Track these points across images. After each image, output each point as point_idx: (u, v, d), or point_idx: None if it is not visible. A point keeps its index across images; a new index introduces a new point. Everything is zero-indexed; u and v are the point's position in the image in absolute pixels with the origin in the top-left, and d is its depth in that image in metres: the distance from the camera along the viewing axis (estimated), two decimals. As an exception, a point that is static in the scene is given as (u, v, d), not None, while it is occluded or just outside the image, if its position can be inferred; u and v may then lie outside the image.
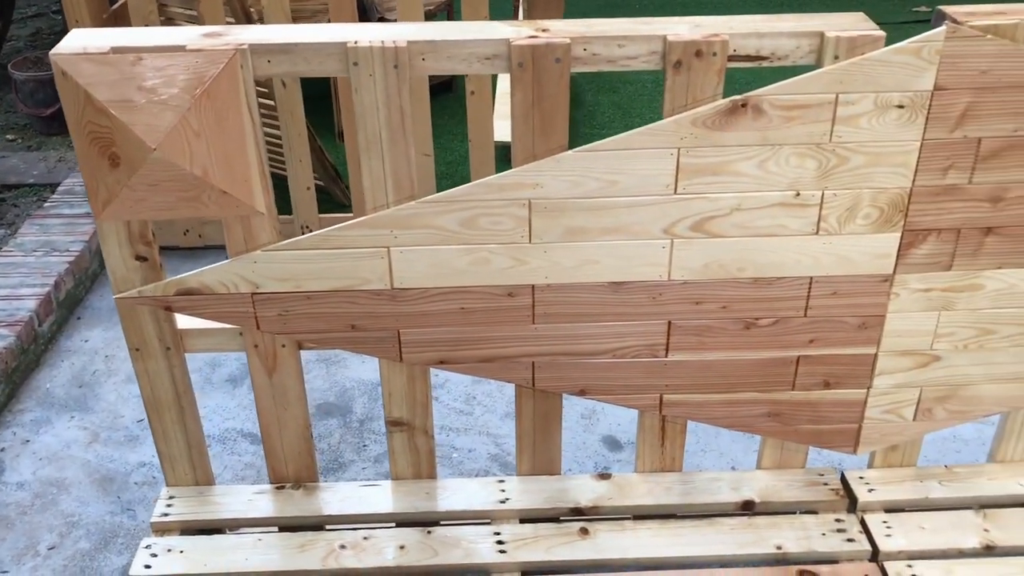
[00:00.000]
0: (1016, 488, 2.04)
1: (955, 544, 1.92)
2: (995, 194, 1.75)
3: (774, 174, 1.71)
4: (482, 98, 3.28)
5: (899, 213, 1.76)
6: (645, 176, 1.71)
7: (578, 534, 1.97)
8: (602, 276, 1.82)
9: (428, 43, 1.61)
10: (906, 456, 2.09)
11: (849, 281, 1.83)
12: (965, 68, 1.62)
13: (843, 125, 1.66)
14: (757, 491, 2.05)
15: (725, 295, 1.84)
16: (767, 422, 2.02)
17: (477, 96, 3.27)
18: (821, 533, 1.95)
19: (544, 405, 2.01)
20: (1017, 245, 1.81)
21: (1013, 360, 1.94)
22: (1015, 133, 1.69)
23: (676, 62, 1.61)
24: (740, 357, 1.92)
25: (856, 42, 1.60)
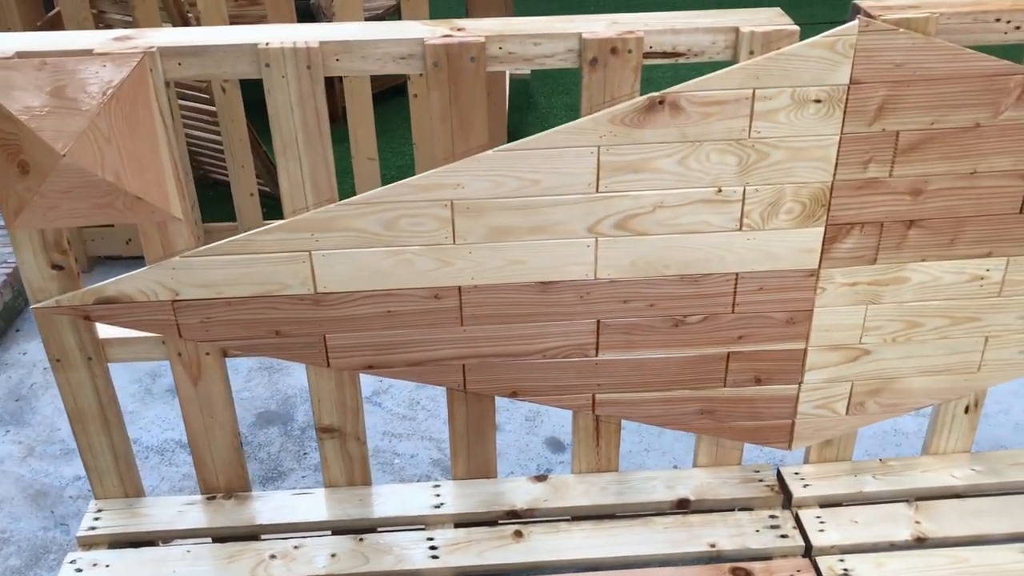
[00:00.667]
0: (949, 480, 2.05)
1: (887, 537, 1.93)
2: (916, 187, 1.76)
3: (695, 171, 1.71)
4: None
5: (821, 207, 1.76)
6: (567, 175, 1.70)
7: (512, 537, 1.95)
8: (529, 276, 1.80)
9: (341, 44, 1.59)
10: (841, 450, 2.10)
11: (775, 276, 1.83)
12: (880, 62, 1.63)
13: (761, 120, 1.66)
14: (692, 489, 2.04)
15: (652, 293, 1.84)
16: (701, 419, 2.02)
17: (421, 99, 3.25)
18: (755, 530, 1.95)
19: (477, 408, 1.99)
20: (939, 238, 1.81)
21: (941, 352, 1.95)
22: (932, 126, 1.69)
23: (592, 59, 1.60)
24: (670, 355, 1.92)
25: (771, 37, 1.60)
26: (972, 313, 1.91)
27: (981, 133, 1.71)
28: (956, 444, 2.11)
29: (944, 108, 1.68)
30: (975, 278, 1.86)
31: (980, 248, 1.83)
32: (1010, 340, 1.95)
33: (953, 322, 1.91)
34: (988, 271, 1.86)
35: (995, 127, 1.70)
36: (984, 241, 1.82)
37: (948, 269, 1.85)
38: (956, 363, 1.97)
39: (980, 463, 2.08)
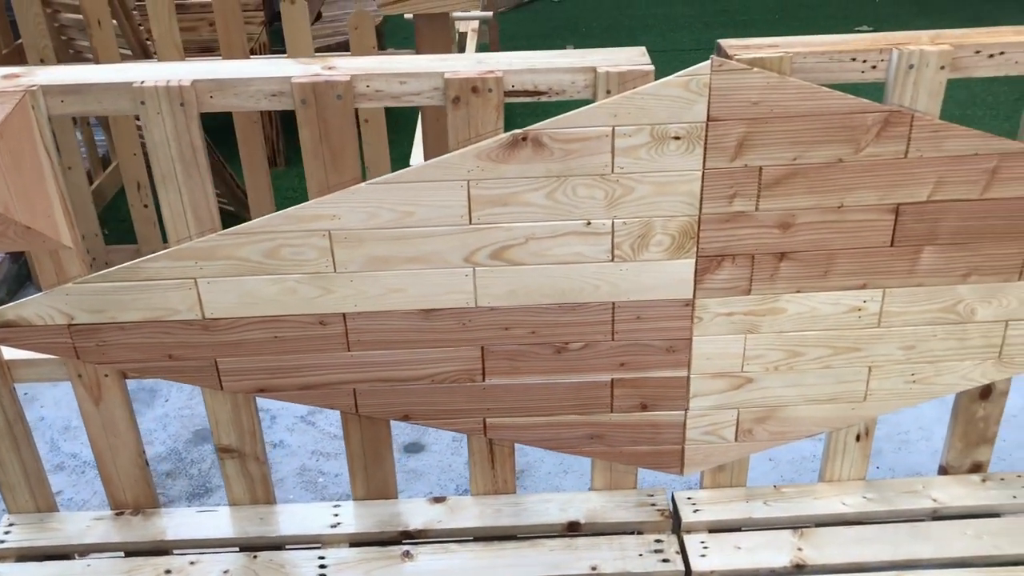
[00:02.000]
0: (839, 507, 2.07)
1: (766, 563, 1.96)
2: (784, 220, 1.80)
3: (563, 204, 1.76)
4: (376, 125, 3.34)
5: (690, 240, 1.81)
6: (439, 207, 1.76)
7: (401, 558, 2.00)
8: (410, 304, 1.86)
9: (214, 82, 1.66)
10: (735, 476, 2.13)
11: (651, 306, 1.88)
12: (736, 100, 1.67)
13: (623, 156, 1.71)
14: (584, 513, 2.08)
15: (532, 320, 1.89)
16: (591, 444, 2.06)
17: (372, 124, 3.33)
18: (639, 554, 1.99)
19: (371, 431, 2.05)
20: (812, 270, 1.85)
21: (825, 382, 1.98)
22: (795, 162, 1.74)
23: (455, 98, 1.66)
24: (555, 380, 1.96)
25: (626, 77, 1.65)
26: (852, 343, 1.94)
27: (844, 168, 1.75)
28: (850, 472, 2.13)
29: (805, 144, 1.72)
30: (852, 309, 1.90)
31: (854, 280, 1.86)
32: (893, 370, 1.97)
33: (835, 352, 1.95)
34: (865, 302, 1.89)
35: (858, 163, 1.74)
36: (858, 273, 1.86)
37: (824, 300, 1.88)
38: (841, 392, 2.00)
39: (873, 491, 2.11)
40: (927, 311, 1.90)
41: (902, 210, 1.79)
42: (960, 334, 1.94)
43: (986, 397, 2.04)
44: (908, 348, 1.95)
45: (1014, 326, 1.93)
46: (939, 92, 1.69)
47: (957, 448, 2.12)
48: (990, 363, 1.98)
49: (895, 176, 1.76)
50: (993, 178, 1.76)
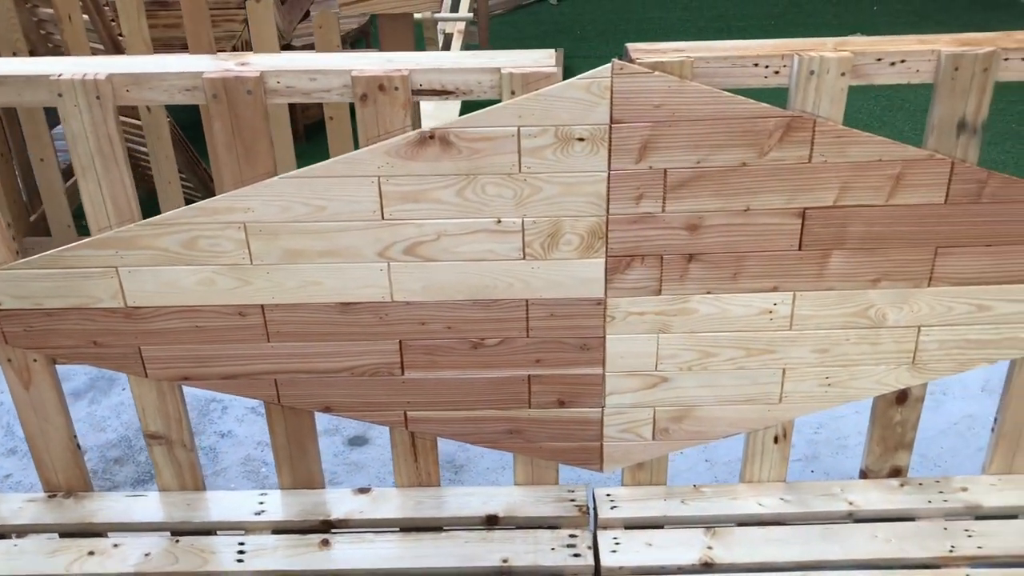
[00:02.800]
0: (755, 508, 2.09)
1: (675, 561, 1.98)
2: (691, 222, 1.82)
3: (473, 202, 1.80)
4: (341, 123, 3.39)
5: (599, 240, 1.84)
6: (351, 202, 1.80)
7: (319, 545, 2.04)
8: (327, 297, 1.90)
9: (129, 76, 1.71)
10: (655, 474, 2.16)
11: (563, 304, 1.91)
12: (638, 103, 1.70)
13: (530, 156, 1.75)
14: (504, 506, 2.12)
15: (448, 316, 1.92)
16: (511, 439, 2.09)
17: (336, 121, 3.38)
18: (551, 548, 2.02)
19: (295, 421, 2.09)
20: (722, 272, 1.88)
21: (740, 383, 2.01)
22: (699, 165, 1.76)
23: (362, 95, 1.70)
24: (473, 375, 2.00)
25: (530, 78, 1.69)
26: (765, 345, 1.96)
27: (749, 172, 1.77)
28: (770, 473, 2.15)
29: (708, 148, 1.75)
30: (763, 311, 1.92)
31: (764, 282, 1.89)
32: (807, 373, 2.00)
33: (748, 353, 1.97)
34: (775, 305, 1.91)
35: (762, 167, 1.77)
36: (767, 276, 1.88)
37: (735, 302, 1.91)
38: (756, 394, 2.02)
39: (791, 493, 2.13)
40: (838, 315, 1.93)
41: (808, 214, 1.82)
42: (873, 339, 1.96)
43: (902, 402, 2.06)
44: (821, 351, 1.97)
45: (926, 332, 1.95)
46: (841, 98, 1.72)
47: (876, 453, 2.14)
48: (904, 368, 2.00)
49: (800, 181, 1.78)
50: (898, 184, 1.79)
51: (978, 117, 1.73)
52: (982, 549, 1.97)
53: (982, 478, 2.15)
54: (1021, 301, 1.91)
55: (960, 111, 1.73)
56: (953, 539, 2.00)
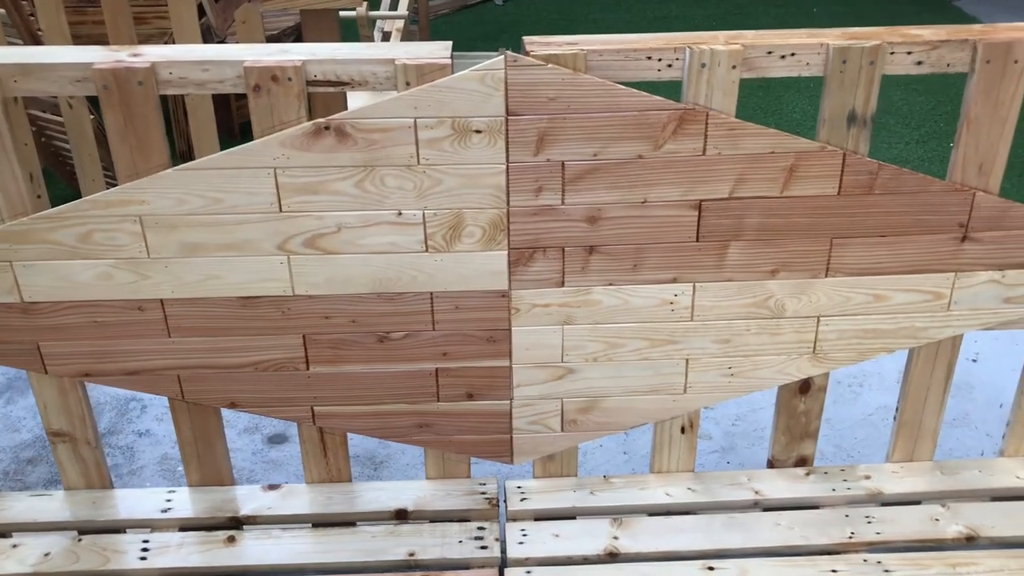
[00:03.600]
0: (663, 498, 2.12)
1: (580, 551, 1.99)
2: (590, 215, 1.84)
3: (373, 194, 1.79)
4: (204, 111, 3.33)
5: (501, 232, 1.84)
6: (248, 194, 1.78)
7: (224, 542, 2.02)
8: (228, 291, 1.88)
9: (18, 66, 1.68)
10: (565, 466, 2.17)
11: (468, 296, 1.91)
12: (533, 95, 1.71)
13: (428, 148, 1.75)
14: (414, 501, 2.11)
15: (351, 310, 1.92)
16: (421, 433, 2.09)
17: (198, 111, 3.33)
18: (459, 540, 2.02)
19: (201, 418, 2.07)
20: (622, 263, 1.89)
21: (645, 373, 2.03)
22: (596, 157, 1.78)
23: (255, 86, 1.69)
24: (380, 369, 1.99)
25: (424, 69, 1.69)
26: (668, 336, 1.98)
27: (645, 164, 1.79)
28: (679, 464, 2.17)
29: (604, 140, 1.76)
30: (665, 302, 1.94)
31: (664, 273, 1.91)
32: (710, 363, 2.02)
33: (651, 344, 1.99)
34: (676, 296, 1.94)
35: (658, 159, 1.79)
36: (667, 267, 1.90)
37: (636, 293, 1.93)
38: (661, 384, 2.04)
39: (699, 482, 2.15)
40: (739, 305, 1.95)
41: (705, 206, 1.84)
42: (773, 329, 1.99)
43: (805, 392, 2.09)
44: (723, 342, 2.00)
45: (826, 322, 1.98)
46: (733, 91, 1.74)
47: (782, 442, 2.17)
48: (805, 358, 2.03)
49: (695, 173, 1.80)
50: (791, 176, 1.82)
51: (867, 109, 1.77)
52: (880, 535, 2.01)
53: (885, 466, 2.19)
54: (916, 291, 1.95)
55: (850, 103, 1.76)
56: (853, 526, 2.03)
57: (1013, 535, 2.01)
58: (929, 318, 1.99)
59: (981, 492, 2.13)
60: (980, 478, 2.14)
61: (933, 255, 1.91)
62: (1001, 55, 1.73)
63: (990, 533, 2.01)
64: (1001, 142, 1.81)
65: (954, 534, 2.01)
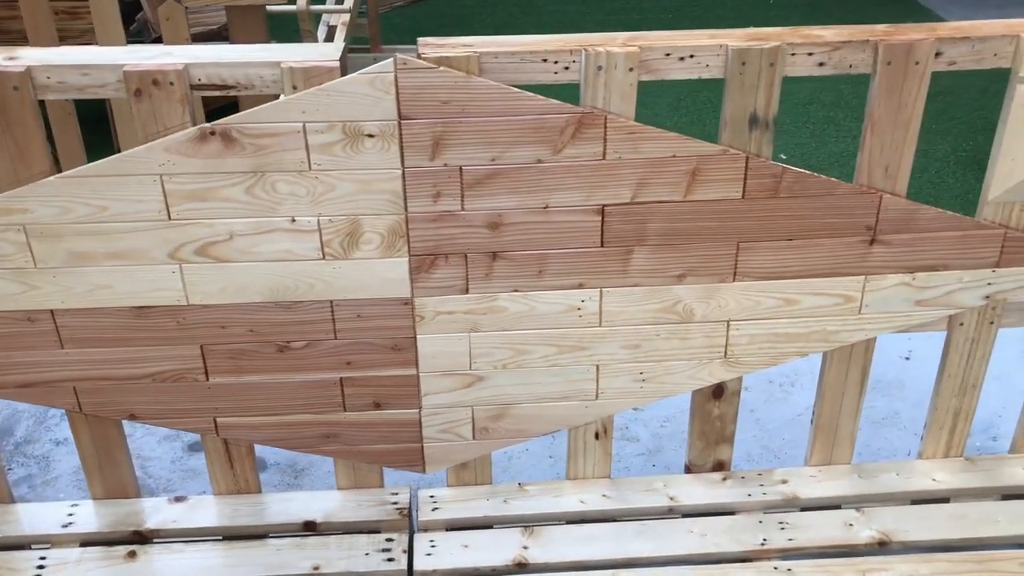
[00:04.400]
0: (577, 505, 2.08)
1: (489, 562, 1.96)
2: (491, 220, 1.80)
3: (264, 200, 1.74)
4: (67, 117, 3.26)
5: (400, 239, 1.80)
6: (135, 202, 1.72)
7: (124, 557, 1.97)
8: (120, 301, 1.83)
9: None
10: (479, 474, 2.13)
11: (370, 304, 1.87)
12: (426, 99, 1.67)
13: (319, 153, 1.70)
14: (324, 512, 2.07)
15: (249, 319, 1.87)
16: (329, 444, 2.05)
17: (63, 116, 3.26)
18: (365, 553, 1.98)
19: (101, 430, 2.01)
20: (526, 269, 1.85)
21: (555, 380, 1.99)
22: (494, 162, 1.74)
23: (136, 91, 1.63)
24: (282, 379, 1.94)
25: (311, 72, 1.64)
26: (577, 342, 1.95)
27: (545, 170, 1.75)
28: (594, 470, 2.14)
29: (502, 145, 1.72)
30: (572, 308, 1.91)
31: (570, 279, 1.87)
32: (621, 369, 1.99)
33: (560, 351, 1.95)
34: (583, 302, 1.90)
35: (558, 164, 1.75)
36: (573, 273, 1.87)
37: (542, 299, 1.89)
38: (573, 390, 2.01)
39: (614, 489, 2.12)
40: (647, 311, 1.92)
41: (607, 211, 1.80)
42: (683, 334, 1.96)
43: (719, 397, 2.07)
44: (633, 347, 1.96)
45: (735, 326, 1.96)
46: (631, 94, 1.70)
47: (698, 447, 2.15)
48: (717, 363, 2.00)
49: (596, 178, 1.77)
50: (694, 180, 1.78)
51: (769, 111, 1.74)
52: (793, 541, 1.99)
53: (803, 470, 2.17)
54: (826, 295, 1.93)
55: (751, 106, 1.73)
56: (766, 532, 2.01)
57: (925, 539, 2.00)
58: (841, 321, 1.96)
59: (898, 495, 2.11)
60: (897, 481, 2.13)
61: (842, 258, 1.89)
62: (902, 57, 1.70)
63: (903, 537, 2.00)
64: (906, 144, 1.79)
65: (866, 539, 1.99)
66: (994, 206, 1.86)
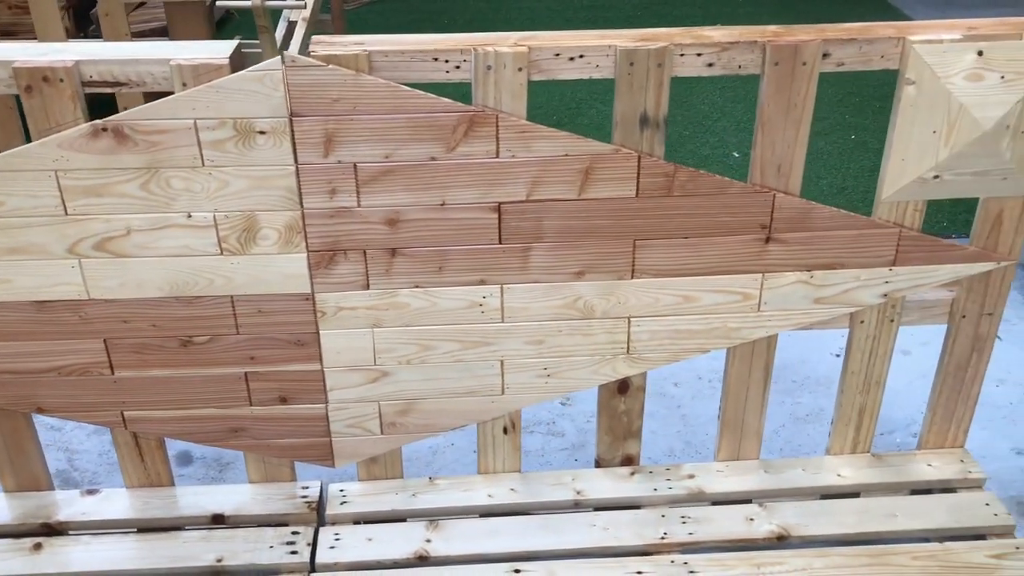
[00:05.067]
0: (484, 499, 2.11)
1: (391, 555, 1.98)
2: (388, 217, 1.81)
3: (159, 196, 1.75)
4: None
5: (297, 235, 1.82)
6: (31, 197, 1.74)
7: (30, 549, 1.98)
8: (20, 295, 1.84)
9: None
10: (390, 468, 2.15)
11: (270, 300, 1.88)
12: (316, 96, 1.68)
13: (212, 150, 1.71)
14: (234, 505, 2.09)
15: (151, 314, 1.88)
16: (237, 438, 2.06)
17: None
18: (270, 545, 2.00)
19: (10, 424, 2.02)
20: (426, 265, 1.87)
21: (461, 375, 2.01)
22: (388, 159, 1.75)
23: (27, 87, 1.65)
24: (187, 374, 1.96)
25: (200, 70, 1.65)
26: (481, 338, 1.97)
27: (439, 167, 1.77)
28: (504, 464, 2.17)
29: (395, 142, 1.73)
30: (473, 304, 1.93)
31: (471, 276, 1.89)
32: (526, 364, 2.01)
33: (465, 346, 1.98)
34: (485, 298, 1.92)
35: (452, 162, 1.76)
36: (473, 269, 1.89)
37: (444, 295, 1.91)
38: (478, 386, 2.03)
39: (523, 483, 2.15)
40: (548, 307, 1.94)
41: (504, 209, 1.82)
42: (585, 330, 1.98)
43: (624, 392, 2.09)
44: (537, 343, 1.98)
45: (637, 323, 1.98)
46: (521, 93, 1.72)
47: (606, 442, 2.17)
48: (620, 359, 2.02)
49: (491, 175, 1.78)
50: (588, 179, 1.80)
51: (659, 111, 1.76)
52: (693, 535, 2.02)
53: (711, 465, 2.20)
54: (725, 292, 1.95)
55: (641, 106, 1.75)
56: (668, 526, 2.04)
57: (823, 533, 2.03)
58: (741, 319, 1.99)
59: (804, 490, 2.14)
60: (803, 476, 2.16)
61: (738, 256, 1.91)
62: (789, 57, 1.72)
63: (802, 532, 2.03)
64: (797, 144, 1.81)
65: (765, 534, 2.02)
66: (888, 205, 1.89)
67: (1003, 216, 1.92)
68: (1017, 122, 1.78)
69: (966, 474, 2.15)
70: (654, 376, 2.88)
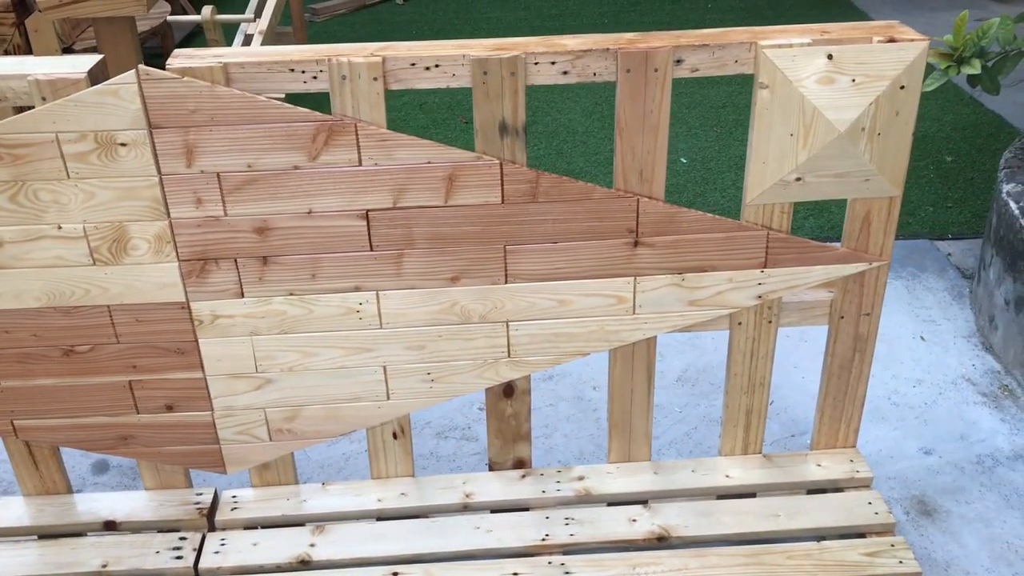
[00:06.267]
0: (374, 503, 2.13)
1: (274, 560, 2.01)
2: (257, 225, 1.85)
3: (28, 208, 1.79)
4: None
5: (167, 244, 1.85)
6: (-98, 211, 1.78)
7: (-81, 558, 2.02)
8: (-100, 307, 1.88)
9: None
10: (282, 474, 2.18)
11: (146, 309, 1.92)
12: (174, 108, 1.72)
13: (76, 162, 1.75)
14: (126, 512, 2.12)
15: (31, 324, 1.91)
16: (127, 445, 2.09)
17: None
18: (156, 551, 2.03)
19: (-98, 432, 2.06)
20: (299, 273, 1.90)
21: (344, 381, 2.04)
22: (251, 168, 1.79)
23: None
24: (72, 382, 1.99)
25: (57, 84, 1.69)
26: (361, 344, 2.00)
27: (303, 175, 1.80)
28: (397, 469, 2.19)
29: (255, 152, 1.77)
30: (350, 311, 1.95)
31: (345, 283, 1.92)
32: (409, 370, 2.04)
33: (346, 352, 2.00)
34: (361, 304, 1.95)
35: (316, 170, 1.79)
36: (347, 276, 1.91)
37: (319, 303, 1.94)
38: (363, 392, 2.06)
39: (415, 487, 2.17)
40: (426, 312, 1.97)
41: (372, 216, 1.85)
42: (466, 335, 2.01)
43: (510, 395, 2.11)
44: (418, 348, 2.01)
45: (515, 327, 2.00)
46: (379, 102, 1.75)
47: (496, 445, 2.19)
48: (502, 362, 2.05)
49: (356, 183, 1.82)
50: (452, 186, 1.83)
51: (517, 119, 1.79)
52: (574, 536, 2.04)
53: (602, 467, 2.22)
54: (599, 295, 1.98)
55: (499, 114, 1.78)
56: (551, 528, 2.06)
57: (705, 534, 2.04)
58: (617, 321, 2.01)
59: (692, 492, 2.16)
60: (692, 478, 2.18)
61: (609, 260, 1.94)
62: (640, 64, 1.75)
63: (683, 533, 2.05)
64: (657, 149, 1.84)
65: (645, 534, 2.04)
66: (754, 208, 1.91)
67: (871, 217, 1.94)
68: (872, 124, 1.81)
69: (854, 473, 2.16)
70: (573, 380, 2.93)
